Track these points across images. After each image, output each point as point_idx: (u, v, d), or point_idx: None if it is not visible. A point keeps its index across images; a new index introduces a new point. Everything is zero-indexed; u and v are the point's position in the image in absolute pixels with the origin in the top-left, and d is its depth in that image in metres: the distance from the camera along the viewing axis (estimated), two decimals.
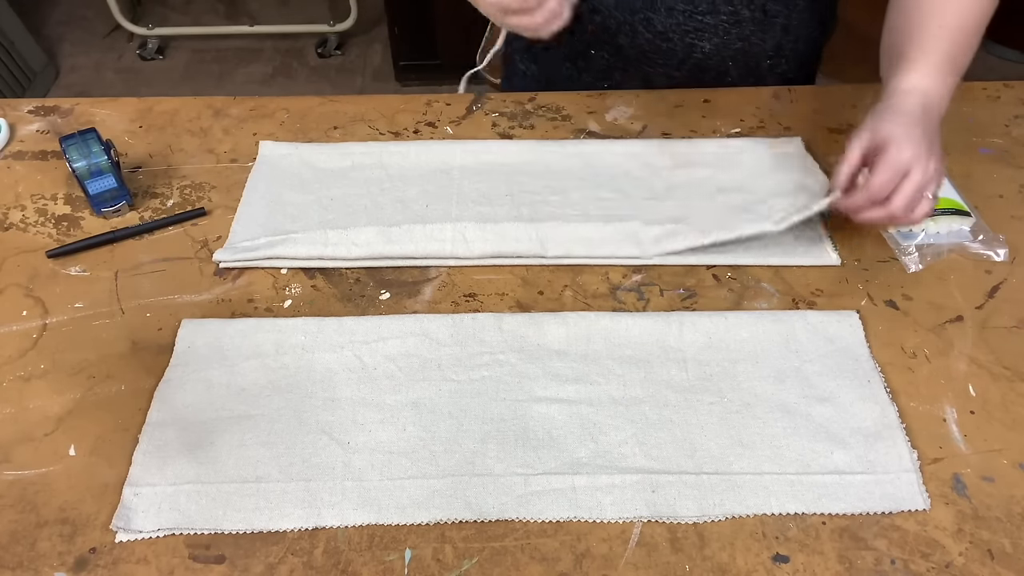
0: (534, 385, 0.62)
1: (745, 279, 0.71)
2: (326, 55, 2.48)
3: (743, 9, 0.83)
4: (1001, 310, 0.68)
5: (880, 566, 0.52)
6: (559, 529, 0.54)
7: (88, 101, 0.90)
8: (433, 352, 0.64)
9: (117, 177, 0.75)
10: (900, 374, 0.63)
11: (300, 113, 0.89)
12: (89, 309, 0.68)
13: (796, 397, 0.61)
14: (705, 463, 0.57)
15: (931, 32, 0.70)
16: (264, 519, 0.55)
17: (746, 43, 0.87)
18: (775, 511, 0.55)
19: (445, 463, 0.58)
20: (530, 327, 0.66)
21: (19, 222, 0.77)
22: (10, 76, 2.19)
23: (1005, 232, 0.73)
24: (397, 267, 0.72)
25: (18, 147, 0.85)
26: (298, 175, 0.81)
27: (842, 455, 0.57)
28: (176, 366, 0.63)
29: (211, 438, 0.59)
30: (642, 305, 0.69)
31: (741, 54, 0.88)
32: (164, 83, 2.41)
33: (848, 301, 0.69)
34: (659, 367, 0.63)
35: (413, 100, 0.91)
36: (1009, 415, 0.60)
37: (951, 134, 0.84)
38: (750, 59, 0.89)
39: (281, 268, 0.72)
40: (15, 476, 0.57)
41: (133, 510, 0.55)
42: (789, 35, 0.88)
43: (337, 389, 0.62)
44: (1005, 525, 0.54)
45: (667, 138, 0.85)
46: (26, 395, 0.62)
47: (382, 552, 0.53)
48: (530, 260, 0.72)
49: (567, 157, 0.82)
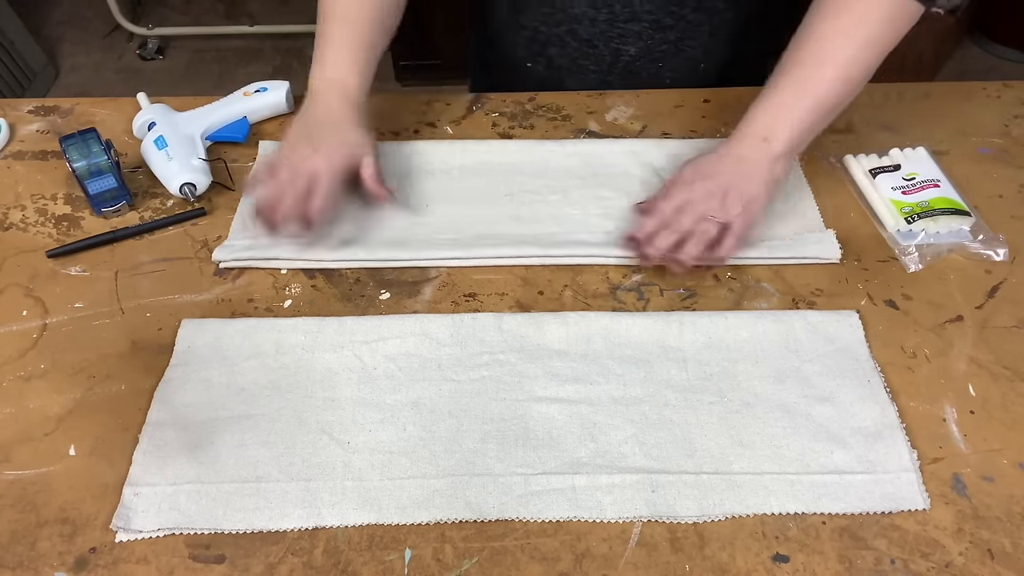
0: (534, 385, 0.62)
1: (745, 279, 0.71)
2: None
3: (664, 17, 0.84)
4: (1001, 310, 0.68)
5: (880, 566, 0.52)
6: (559, 529, 0.54)
7: (88, 101, 0.90)
8: (433, 352, 0.64)
9: (117, 177, 0.75)
10: (900, 374, 0.63)
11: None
12: (89, 309, 0.68)
13: (796, 397, 0.61)
14: (705, 463, 0.57)
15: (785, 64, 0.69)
16: (264, 519, 0.55)
17: (673, 47, 0.87)
18: (775, 511, 0.55)
19: (445, 463, 0.58)
20: (530, 327, 0.66)
21: (19, 222, 0.77)
22: (10, 76, 2.19)
23: (1005, 232, 0.73)
24: (397, 267, 0.72)
25: (18, 147, 0.85)
26: None
27: (842, 455, 0.57)
28: (176, 366, 0.64)
29: (211, 438, 0.59)
30: (642, 305, 0.69)
31: (671, 57, 0.88)
32: (164, 83, 2.41)
33: (848, 301, 0.69)
34: (659, 367, 0.63)
35: (413, 100, 0.91)
36: (1009, 415, 0.60)
37: (951, 134, 0.84)
38: (682, 63, 0.89)
39: (281, 268, 0.72)
40: (15, 476, 0.57)
41: (133, 510, 0.55)
42: (718, 39, 0.88)
43: (337, 389, 0.62)
44: (1005, 525, 0.54)
45: (667, 138, 0.85)
46: (26, 395, 0.62)
47: (382, 552, 0.53)
48: (530, 260, 0.72)
49: (567, 157, 0.82)
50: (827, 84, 0.67)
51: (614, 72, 0.91)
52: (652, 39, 0.86)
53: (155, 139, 0.79)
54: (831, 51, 0.67)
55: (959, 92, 0.90)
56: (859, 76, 0.67)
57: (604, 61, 0.90)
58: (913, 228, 0.73)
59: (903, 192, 0.75)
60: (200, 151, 0.79)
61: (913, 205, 0.73)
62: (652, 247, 0.68)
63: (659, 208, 0.69)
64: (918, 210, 0.73)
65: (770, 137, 0.68)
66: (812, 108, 0.67)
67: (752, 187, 0.68)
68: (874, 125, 0.86)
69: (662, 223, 0.68)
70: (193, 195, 0.76)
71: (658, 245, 0.68)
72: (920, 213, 0.73)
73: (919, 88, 0.91)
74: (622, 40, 0.87)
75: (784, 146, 0.68)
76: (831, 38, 0.67)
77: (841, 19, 0.66)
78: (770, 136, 0.68)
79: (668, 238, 0.68)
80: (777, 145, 0.68)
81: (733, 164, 0.69)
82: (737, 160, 0.69)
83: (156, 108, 0.84)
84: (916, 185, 0.75)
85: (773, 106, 0.69)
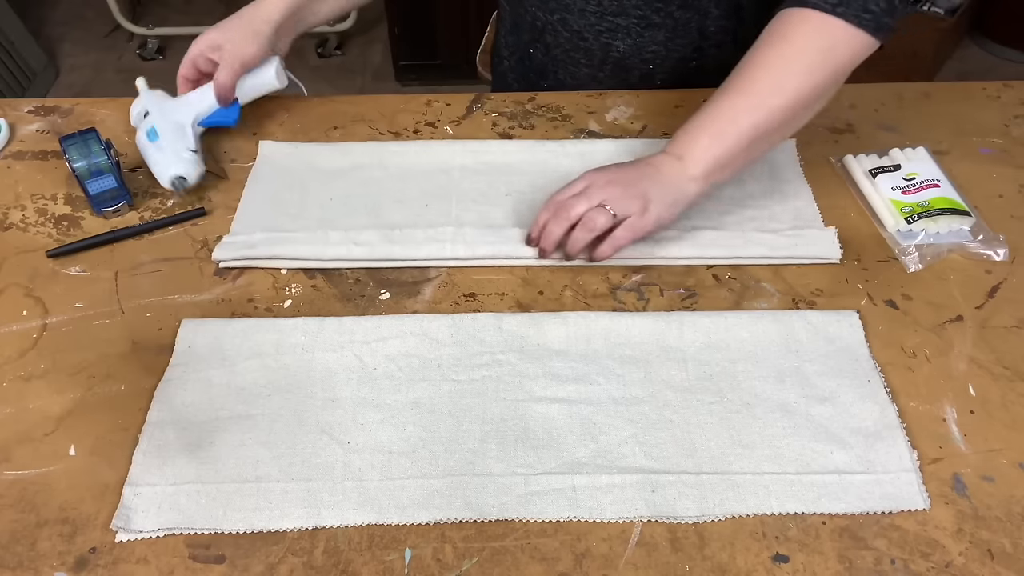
0: (534, 385, 0.62)
1: (745, 279, 0.71)
2: (326, 55, 2.48)
3: (652, 15, 0.84)
4: (1001, 310, 0.68)
5: (880, 566, 0.52)
6: (559, 529, 0.54)
7: (88, 101, 0.90)
8: (433, 352, 0.64)
9: (117, 177, 0.75)
10: (900, 374, 0.63)
11: (300, 113, 0.89)
12: (89, 309, 0.68)
13: (796, 397, 0.61)
14: (705, 463, 0.57)
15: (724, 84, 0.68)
16: (264, 519, 0.55)
17: (663, 47, 0.87)
18: (775, 511, 0.55)
19: (445, 463, 0.58)
20: (530, 327, 0.66)
21: (19, 222, 0.77)
22: (10, 76, 2.19)
23: (1005, 232, 0.73)
24: (397, 267, 0.72)
25: (18, 147, 0.85)
26: (298, 175, 0.81)
27: (842, 455, 0.57)
28: (176, 366, 0.64)
29: (211, 438, 0.59)
30: (642, 305, 0.69)
31: (661, 57, 0.88)
32: (164, 83, 2.40)
33: (848, 301, 0.69)
34: (659, 367, 0.63)
35: (413, 100, 0.91)
36: (1009, 415, 0.60)
37: (951, 134, 0.84)
38: (671, 62, 0.89)
39: (281, 268, 0.72)
40: (15, 476, 0.57)
41: (133, 510, 0.55)
42: (708, 40, 0.87)
43: (337, 389, 0.62)
44: (1005, 525, 0.54)
45: (667, 138, 0.85)
46: (26, 395, 0.62)
47: (382, 552, 0.53)
48: (530, 260, 0.72)
49: (567, 157, 0.82)
50: (758, 113, 0.65)
51: (605, 68, 0.91)
52: (641, 36, 0.86)
53: (147, 131, 0.79)
54: (766, 80, 0.65)
55: (959, 92, 0.90)
56: (797, 105, 0.65)
57: (595, 56, 0.90)
58: (913, 228, 0.73)
59: (903, 192, 0.75)
60: (191, 142, 0.79)
61: (913, 205, 0.73)
62: (545, 239, 0.68)
63: (556, 197, 0.69)
64: (918, 210, 0.73)
65: (685, 157, 0.67)
66: (735, 138, 0.66)
67: (658, 193, 0.66)
68: (874, 125, 0.86)
69: (556, 211, 0.67)
70: (183, 187, 0.76)
71: (548, 234, 0.67)
72: (920, 213, 0.73)
73: (919, 88, 0.91)
74: (611, 35, 0.86)
75: (699, 169, 0.66)
76: (769, 66, 0.66)
77: (779, 47, 0.66)
78: (685, 157, 0.67)
79: (560, 225, 0.67)
80: (692, 167, 0.67)
81: (646, 169, 0.68)
82: (651, 168, 0.68)
83: (152, 95, 0.84)
84: (916, 185, 0.75)
85: (695, 128, 0.67)
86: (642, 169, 0.68)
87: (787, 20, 0.66)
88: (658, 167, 0.68)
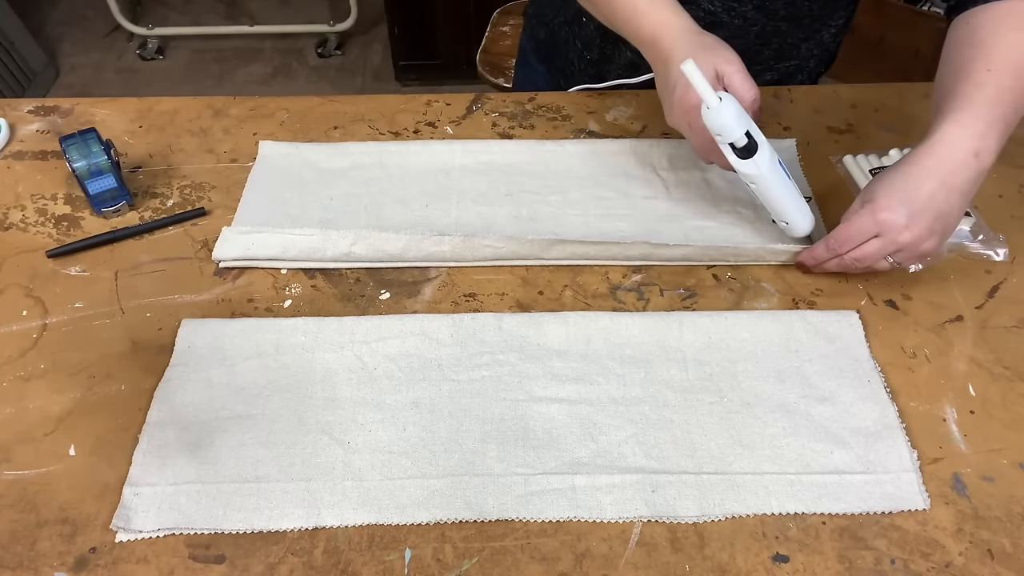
0: (534, 385, 0.62)
1: (745, 279, 0.71)
2: (326, 55, 2.48)
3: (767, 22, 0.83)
4: (1001, 310, 0.68)
5: (880, 566, 0.52)
6: (559, 529, 0.54)
7: (88, 101, 0.90)
8: (433, 352, 0.64)
9: (117, 177, 0.75)
10: (900, 374, 0.63)
11: (300, 113, 0.89)
12: (89, 309, 0.68)
13: (796, 397, 0.61)
14: (705, 463, 0.57)
15: (976, 77, 0.63)
16: (264, 519, 0.55)
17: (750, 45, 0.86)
18: (775, 511, 0.55)
19: (445, 463, 0.58)
20: (530, 327, 0.66)
21: (19, 222, 0.77)
22: (10, 76, 2.19)
23: (1005, 232, 0.73)
24: (397, 267, 0.72)
25: (18, 147, 0.85)
26: (298, 175, 0.81)
27: (842, 455, 0.57)
28: (176, 366, 0.64)
29: (211, 438, 0.59)
30: (642, 305, 0.69)
31: None
32: (164, 83, 2.41)
33: (848, 301, 0.69)
34: (659, 367, 0.63)
35: (413, 100, 0.91)
36: (1009, 415, 0.60)
37: None
38: None
39: (281, 268, 0.72)
40: (15, 476, 0.57)
41: (133, 510, 0.55)
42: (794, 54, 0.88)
43: (337, 389, 0.62)
44: (1005, 525, 0.54)
45: (667, 138, 0.85)
46: (26, 395, 0.62)
47: (382, 552, 0.53)
48: (530, 261, 0.72)
49: (567, 157, 0.82)
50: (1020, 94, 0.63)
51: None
52: None
53: (777, 160, 0.67)
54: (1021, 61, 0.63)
55: None
56: None
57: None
58: None
59: None
60: None
61: None
62: (815, 268, 0.69)
63: (840, 235, 0.65)
64: None
65: (983, 154, 0.62)
66: (1012, 120, 0.64)
67: (955, 218, 0.63)
68: (874, 125, 0.86)
69: (842, 259, 0.66)
70: None
71: (821, 267, 0.69)
72: None
73: (919, 88, 0.91)
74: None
75: (992, 160, 0.63)
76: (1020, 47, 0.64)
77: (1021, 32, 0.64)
78: (982, 153, 0.62)
79: (840, 268, 0.68)
80: (987, 158, 0.62)
81: (941, 190, 0.62)
82: (947, 186, 0.62)
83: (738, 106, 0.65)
84: None
85: (990, 116, 0.62)
86: (937, 188, 0.62)
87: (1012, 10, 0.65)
88: (956, 171, 0.62)
